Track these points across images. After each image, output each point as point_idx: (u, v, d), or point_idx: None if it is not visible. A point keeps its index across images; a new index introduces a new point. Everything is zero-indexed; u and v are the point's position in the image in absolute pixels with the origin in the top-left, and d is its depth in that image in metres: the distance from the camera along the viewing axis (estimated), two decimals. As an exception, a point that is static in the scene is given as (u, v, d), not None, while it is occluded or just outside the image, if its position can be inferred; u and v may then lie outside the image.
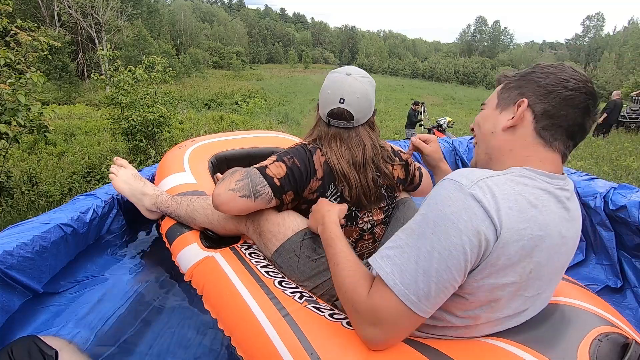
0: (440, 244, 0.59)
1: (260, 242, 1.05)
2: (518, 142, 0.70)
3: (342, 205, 0.96)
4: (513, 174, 0.65)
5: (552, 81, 0.67)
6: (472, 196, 0.60)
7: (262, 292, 0.89)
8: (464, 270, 0.60)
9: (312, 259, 0.95)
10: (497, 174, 0.64)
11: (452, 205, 0.60)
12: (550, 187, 0.65)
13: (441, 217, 0.60)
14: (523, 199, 0.61)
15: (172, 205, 1.26)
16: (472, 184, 0.61)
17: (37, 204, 3.85)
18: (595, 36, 60.66)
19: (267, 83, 29.33)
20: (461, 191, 0.61)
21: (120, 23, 24.30)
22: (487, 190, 0.60)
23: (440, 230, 0.60)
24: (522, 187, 0.63)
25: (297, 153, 1.01)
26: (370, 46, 72.96)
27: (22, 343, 0.76)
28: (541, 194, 0.64)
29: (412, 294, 0.60)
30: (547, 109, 0.67)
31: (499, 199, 0.60)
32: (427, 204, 0.64)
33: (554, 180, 0.66)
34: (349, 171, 1.00)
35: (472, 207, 0.59)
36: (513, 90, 0.72)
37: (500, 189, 0.61)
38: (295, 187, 0.98)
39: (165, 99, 5.54)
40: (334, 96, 1.00)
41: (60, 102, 15.41)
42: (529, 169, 0.66)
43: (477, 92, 31.23)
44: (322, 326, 0.78)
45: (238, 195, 0.94)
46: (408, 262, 0.61)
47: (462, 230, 0.58)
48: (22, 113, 2.98)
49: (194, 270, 1.09)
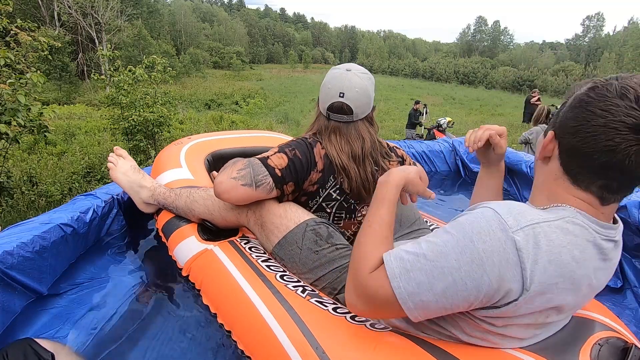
0: (458, 273, 0.57)
1: (262, 234, 1.05)
2: (550, 175, 0.64)
3: (421, 172, 0.83)
4: (566, 219, 0.59)
5: (589, 112, 0.57)
6: (513, 242, 0.55)
7: (264, 286, 0.89)
8: (470, 303, 0.59)
9: (314, 251, 0.96)
10: (550, 218, 0.58)
11: (487, 242, 0.56)
12: (598, 238, 0.60)
13: (471, 249, 0.57)
14: (568, 253, 0.57)
15: (170, 197, 1.25)
16: (518, 228, 0.56)
17: (37, 204, 3.86)
18: (595, 36, 60.67)
19: (267, 83, 29.31)
20: (503, 232, 0.56)
21: (120, 23, 24.28)
22: (532, 239, 0.56)
23: (465, 260, 0.57)
24: (571, 238, 0.57)
25: (299, 145, 1.02)
26: (370, 46, 72.96)
27: (17, 346, 0.76)
28: (587, 246, 0.59)
29: (411, 301, 0.60)
30: (573, 144, 0.59)
31: (542, 251, 0.55)
32: (462, 227, 0.59)
33: (605, 230, 0.61)
34: (349, 164, 1.02)
35: (507, 253, 0.55)
36: (557, 116, 0.64)
37: (548, 240, 0.56)
38: (296, 178, 0.99)
39: (165, 99, 5.54)
40: (334, 91, 1.03)
41: (60, 102, 15.40)
42: (583, 215, 0.60)
43: (477, 92, 31.22)
44: (326, 320, 0.78)
45: (240, 183, 0.95)
46: (420, 272, 0.59)
47: (486, 271, 0.56)
48: (22, 113, 2.98)
49: (191, 264, 1.09)
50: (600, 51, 50.19)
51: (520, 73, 36.11)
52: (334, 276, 0.93)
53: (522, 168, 2.06)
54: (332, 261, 0.95)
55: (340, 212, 1.06)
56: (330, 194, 1.03)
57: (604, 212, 0.61)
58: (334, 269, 0.94)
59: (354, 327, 0.74)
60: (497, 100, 24.25)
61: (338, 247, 0.97)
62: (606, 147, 0.54)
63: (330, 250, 0.96)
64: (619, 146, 0.53)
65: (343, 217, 1.07)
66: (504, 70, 40.43)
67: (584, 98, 0.58)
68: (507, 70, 39.64)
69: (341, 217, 1.06)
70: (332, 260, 0.95)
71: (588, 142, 0.56)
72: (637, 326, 1.18)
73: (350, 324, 0.75)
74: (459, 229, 0.59)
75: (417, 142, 2.61)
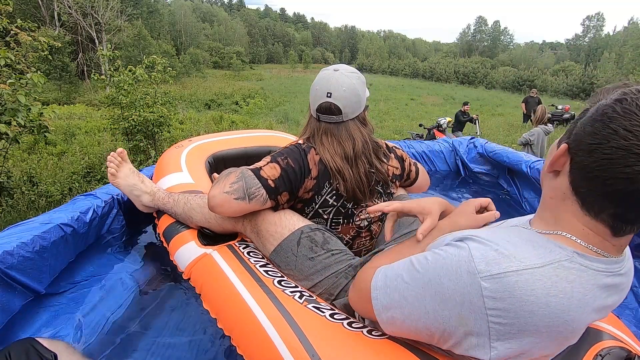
0: (423, 300, 0.58)
1: (258, 242, 1.05)
2: (558, 192, 0.56)
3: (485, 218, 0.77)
4: (559, 264, 0.52)
5: (612, 130, 0.48)
6: (479, 287, 0.51)
7: (261, 292, 0.89)
8: (432, 334, 0.59)
9: (310, 258, 0.96)
10: (536, 264, 0.51)
11: (452, 281, 0.54)
12: (602, 276, 0.53)
13: (436, 283, 0.56)
14: (558, 303, 0.50)
15: (169, 203, 1.26)
16: (488, 274, 0.51)
17: (37, 204, 3.85)
18: (595, 36, 60.64)
19: (267, 83, 29.29)
20: (471, 275, 0.52)
21: (120, 23, 24.27)
22: (504, 287, 0.50)
23: (430, 292, 0.57)
24: (564, 285, 0.51)
25: (291, 153, 1.01)
26: (370, 46, 72.90)
27: (19, 346, 0.76)
28: (590, 290, 0.52)
29: (384, 314, 0.65)
30: (587, 164, 0.51)
31: (518, 300, 0.50)
32: (436, 259, 0.58)
33: (610, 266, 0.54)
34: (343, 166, 1.01)
35: (471, 296, 0.52)
36: (574, 125, 0.55)
37: (529, 289, 0.50)
38: (290, 187, 0.99)
39: (165, 99, 5.54)
40: (321, 91, 1.02)
41: (60, 102, 15.40)
42: (582, 256, 0.53)
43: (477, 92, 31.20)
44: (323, 327, 0.77)
45: (233, 197, 0.95)
46: (395, 290, 0.63)
47: (447, 307, 0.55)
48: (22, 113, 2.98)
49: (192, 268, 1.09)
50: (600, 51, 50.18)
51: (520, 73, 36.06)
52: (330, 282, 0.93)
53: (522, 168, 2.06)
54: (328, 267, 0.94)
55: (337, 218, 1.05)
56: (327, 200, 1.02)
57: (615, 244, 0.54)
58: (330, 275, 0.93)
59: (351, 334, 0.74)
60: (497, 100, 24.23)
61: (334, 252, 0.97)
62: (624, 174, 0.47)
63: (326, 256, 0.95)
64: (638, 176, 0.46)
65: (340, 223, 1.06)
66: (504, 70, 40.38)
67: (608, 111, 0.49)
68: (507, 71, 39.59)
69: (339, 222, 1.06)
70: (328, 266, 0.94)
71: (604, 166, 0.48)
72: (637, 326, 1.18)
73: (347, 331, 0.75)
74: (434, 260, 0.58)
75: (417, 142, 2.61)
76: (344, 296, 0.91)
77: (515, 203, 2.17)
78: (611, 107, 0.49)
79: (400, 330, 0.65)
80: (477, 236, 0.57)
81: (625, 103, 0.48)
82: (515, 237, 0.57)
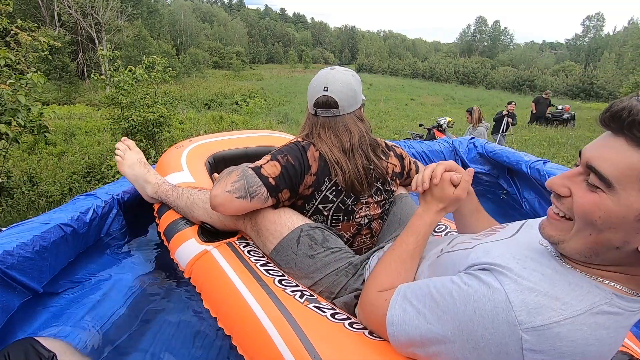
0: (452, 346, 0.54)
1: (258, 240, 1.06)
2: (626, 253, 0.49)
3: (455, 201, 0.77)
4: (597, 309, 0.49)
5: None
6: (519, 340, 0.48)
7: (262, 291, 0.89)
8: None
9: (309, 256, 0.96)
10: (576, 312, 0.48)
11: (488, 329, 0.50)
12: (633, 316, 0.51)
13: (469, 329, 0.52)
14: (594, 350, 0.48)
15: (172, 195, 1.27)
16: (530, 327, 0.48)
17: (37, 204, 3.85)
18: (595, 36, 60.67)
19: (267, 83, 29.31)
20: (510, 326, 0.48)
21: (120, 23, 24.28)
22: (548, 341, 0.47)
23: (460, 337, 0.53)
24: (602, 333, 0.48)
25: (291, 150, 1.02)
26: (370, 46, 72.92)
27: (19, 346, 0.75)
28: (620, 333, 0.50)
29: (401, 348, 0.63)
30: None
31: (558, 352, 0.47)
32: (466, 299, 0.53)
33: (637, 305, 0.51)
34: (340, 157, 1.02)
35: (508, 347, 0.49)
36: None
37: (570, 340, 0.47)
38: (291, 184, 1.00)
39: (165, 99, 5.54)
40: (318, 87, 1.06)
41: (60, 102, 15.40)
42: (620, 297, 0.50)
43: (477, 92, 31.21)
44: (324, 327, 0.77)
45: (234, 196, 0.96)
46: (416, 330, 0.59)
47: (480, 355, 0.51)
48: (22, 113, 2.98)
49: (192, 266, 1.09)
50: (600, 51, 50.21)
51: (520, 73, 36.07)
52: (330, 280, 0.93)
53: (522, 168, 2.06)
54: (328, 265, 0.95)
55: (337, 215, 1.05)
56: (327, 196, 1.03)
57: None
58: (330, 273, 0.94)
59: (352, 335, 0.74)
60: (497, 100, 24.23)
61: (333, 250, 0.97)
62: None
63: (325, 254, 0.96)
64: None
65: (341, 220, 1.06)
66: (504, 70, 40.40)
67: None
68: (507, 71, 39.61)
69: (339, 219, 1.06)
70: (328, 264, 0.95)
71: None
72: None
73: (348, 331, 0.75)
74: (462, 301, 0.53)
75: (417, 142, 2.61)
76: (344, 294, 0.92)
77: (515, 203, 2.17)
78: None
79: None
80: (506, 267, 0.53)
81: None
82: (549, 270, 0.52)
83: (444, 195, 0.74)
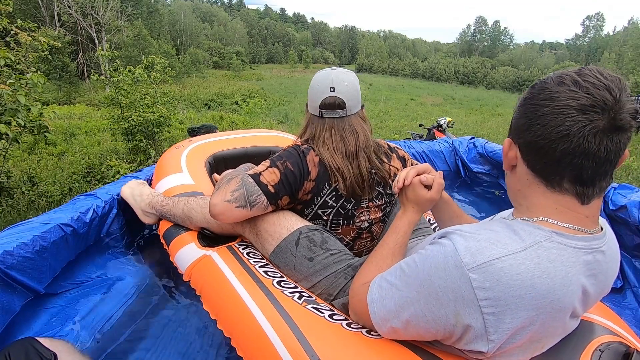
0: (419, 304, 0.59)
1: (257, 242, 1.05)
2: (523, 180, 0.61)
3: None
4: (539, 245, 0.55)
5: (533, 105, 0.56)
6: (468, 279, 0.53)
7: (261, 293, 0.89)
8: (434, 335, 0.61)
9: (308, 258, 0.96)
10: (517, 249, 0.54)
11: (442, 278, 0.56)
12: (581, 254, 0.56)
13: (428, 283, 0.57)
14: (543, 283, 0.52)
15: (168, 205, 1.26)
16: (475, 265, 0.53)
17: (37, 204, 3.85)
18: (595, 36, 60.67)
19: (267, 83, 29.32)
20: (458, 268, 0.54)
21: (120, 23, 24.27)
22: (492, 276, 0.52)
23: (423, 293, 0.58)
24: (546, 265, 0.53)
25: (290, 156, 1.01)
26: (370, 46, 72.86)
27: (19, 346, 0.75)
28: (569, 268, 0.54)
29: (383, 326, 0.66)
30: (529, 140, 0.57)
31: (506, 286, 0.52)
32: (424, 260, 0.60)
33: (588, 243, 0.57)
34: (342, 164, 1.01)
35: (462, 290, 0.54)
36: (510, 124, 0.63)
37: (514, 274, 0.52)
38: (290, 191, 0.99)
39: (165, 99, 5.53)
40: (323, 87, 1.04)
41: (60, 102, 15.40)
42: (560, 234, 0.56)
43: (477, 92, 31.21)
44: (322, 327, 0.78)
45: (234, 206, 0.96)
46: (390, 300, 0.64)
47: (443, 305, 0.56)
48: (22, 113, 2.98)
49: (192, 270, 1.09)
50: (600, 51, 50.21)
51: (520, 73, 36.11)
52: (329, 282, 0.93)
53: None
54: (327, 267, 0.95)
55: (337, 219, 1.05)
56: (326, 201, 1.02)
57: (588, 215, 0.57)
58: (329, 275, 0.94)
59: (350, 334, 0.74)
60: (497, 100, 24.25)
61: (332, 252, 0.97)
62: (559, 133, 0.52)
63: (324, 256, 0.96)
64: (572, 129, 0.52)
65: (340, 224, 1.06)
66: (504, 70, 40.41)
67: (526, 96, 0.59)
68: (507, 71, 39.62)
69: (339, 223, 1.06)
70: (327, 267, 0.95)
71: (542, 133, 0.54)
72: (637, 326, 1.18)
73: (346, 331, 0.75)
74: (421, 262, 0.60)
75: (417, 142, 2.60)
76: (342, 296, 0.92)
77: (515, 203, 2.17)
78: (528, 92, 0.59)
79: (405, 337, 0.67)
80: (459, 230, 0.59)
81: (536, 86, 0.57)
82: (497, 227, 0.59)
83: (416, 196, 0.82)
